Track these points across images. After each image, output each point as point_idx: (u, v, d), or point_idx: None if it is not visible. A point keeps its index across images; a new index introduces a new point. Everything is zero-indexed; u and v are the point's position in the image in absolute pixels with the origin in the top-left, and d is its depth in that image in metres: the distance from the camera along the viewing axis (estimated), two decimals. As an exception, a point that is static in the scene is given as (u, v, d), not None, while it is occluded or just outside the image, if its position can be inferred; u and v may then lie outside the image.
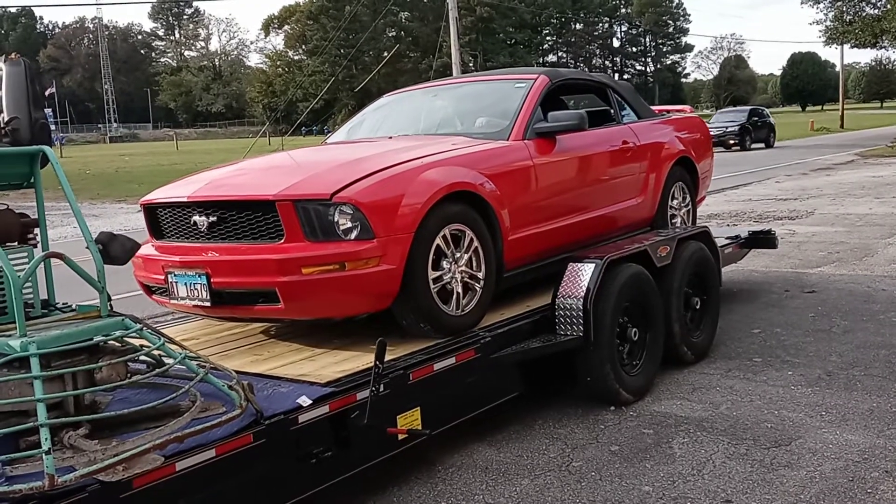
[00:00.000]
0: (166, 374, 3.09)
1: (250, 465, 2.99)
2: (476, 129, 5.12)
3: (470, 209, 4.19)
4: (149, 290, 4.53)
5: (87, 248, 2.93)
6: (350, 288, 3.77)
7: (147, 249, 4.40)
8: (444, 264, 4.05)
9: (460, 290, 4.14)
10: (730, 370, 5.24)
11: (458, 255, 4.12)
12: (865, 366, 5.17)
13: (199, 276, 3.97)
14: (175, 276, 4.13)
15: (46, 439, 2.32)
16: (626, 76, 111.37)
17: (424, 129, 5.48)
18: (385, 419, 3.50)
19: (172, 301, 4.28)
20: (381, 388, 3.37)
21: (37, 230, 3.21)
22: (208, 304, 4.01)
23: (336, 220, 3.76)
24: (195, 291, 4.03)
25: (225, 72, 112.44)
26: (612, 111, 6.00)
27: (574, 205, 5.13)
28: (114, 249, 3.01)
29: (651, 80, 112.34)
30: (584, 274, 4.55)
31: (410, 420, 3.63)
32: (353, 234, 3.76)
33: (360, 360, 3.75)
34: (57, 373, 2.60)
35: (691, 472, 3.76)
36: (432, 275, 3.98)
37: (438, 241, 4.00)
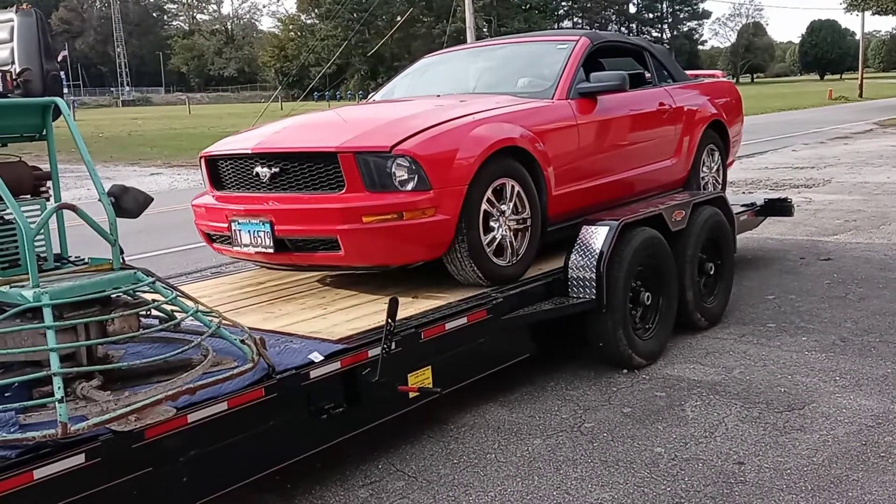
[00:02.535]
0: (179, 329, 3.10)
1: (262, 420, 2.99)
2: (520, 89, 5.22)
3: (518, 164, 4.36)
4: (210, 239, 4.69)
5: (99, 200, 2.92)
6: (407, 236, 3.96)
7: (207, 199, 4.60)
8: (494, 216, 4.23)
9: (508, 241, 4.32)
10: (743, 335, 5.21)
11: (506, 207, 4.29)
12: (880, 332, 5.14)
13: (263, 224, 4.14)
14: (239, 224, 4.28)
15: (59, 388, 2.32)
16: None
17: (469, 89, 5.58)
18: (397, 377, 3.50)
19: (235, 248, 4.42)
20: (393, 346, 3.37)
21: (49, 183, 3.19)
22: (271, 250, 4.17)
23: (395, 171, 3.93)
24: (258, 239, 4.19)
25: (237, 36, 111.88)
26: (649, 74, 6.10)
27: (613, 163, 5.27)
28: (126, 202, 2.99)
29: (668, 46, 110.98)
30: (597, 237, 4.52)
31: (422, 378, 3.63)
32: (411, 186, 3.93)
33: (371, 318, 3.75)
34: (69, 323, 2.60)
35: (703, 434, 3.75)
36: (483, 226, 4.15)
37: (489, 193, 4.18)
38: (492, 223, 4.22)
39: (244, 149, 4.33)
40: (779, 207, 7.30)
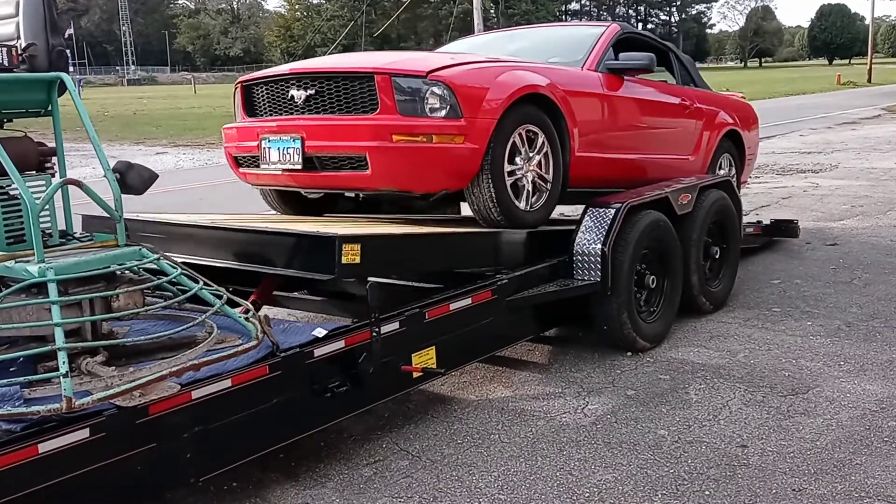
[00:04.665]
0: (183, 306, 3.10)
1: (266, 397, 2.99)
2: (552, 62, 5.37)
3: (546, 116, 4.49)
4: (236, 163, 4.78)
5: (104, 176, 2.91)
6: (434, 160, 4.06)
7: (239, 123, 4.75)
8: (519, 160, 4.35)
9: (530, 187, 4.44)
10: (748, 319, 5.20)
11: (531, 154, 4.42)
12: (886, 318, 5.12)
13: (294, 141, 4.24)
14: (269, 141, 4.39)
15: (64, 363, 2.32)
16: (650, 26, 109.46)
17: None
18: (400, 357, 3.50)
19: (262, 167, 4.50)
20: (381, 332, 3.37)
21: (54, 159, 3.18)
22: (299, 167, 4.25)
23: (428, 97, 4.06)
24: (287, 156, 4.29)
25: (243, 15, 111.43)
26: (673, 73, 6.33)
27: (634, 143, 5.44)
28: (131, 179, 2.98)
29: (675, 30, 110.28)
30: (603, 219, 4.51)
31: (425, 359, 3.63)
32: (443, 113, 4.05)
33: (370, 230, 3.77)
34: (74, 299, 2.60)
35: (707, 417, 3.75)
36: (508, 166, 4.27)
37: (516, 136, 4.30)
38: (517, 165, 4.33)
39: (282, 71, 4.49)
40: (784, 228, 7.24)
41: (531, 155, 4.41)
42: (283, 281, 4.51)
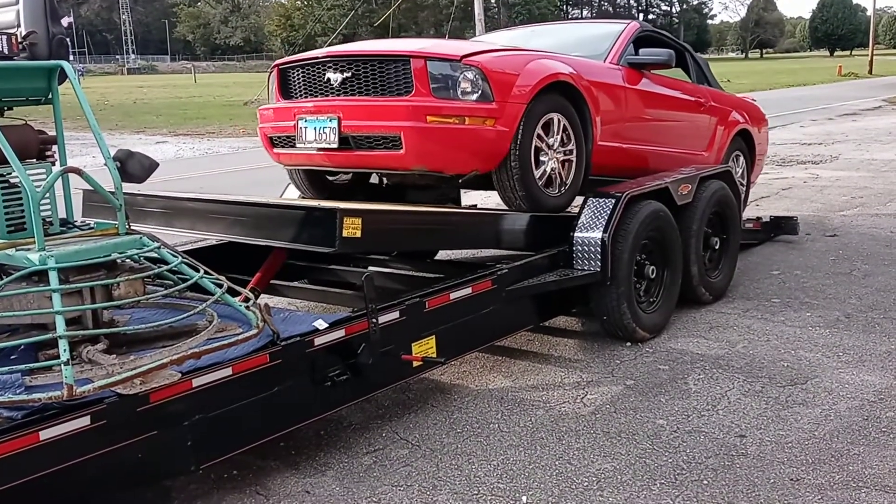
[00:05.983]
0: (184, 295, 3.10)
1: (266, 386, 3.00)
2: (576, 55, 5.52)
3: (571, 106, 4.66)
4: (271, 143, 4.86)
5: (104, 165, 2.91)
6: (466, 142, 4.20)
7: (275, 104, 4.85)
8: (545, 146, 4.50)
9: (554, 174, 4.60)
10: (747, 310, 5.21)
11: (556, 140, 4.57)
12: (885, 309, 5.13)
13: (331, 120, 4.35)
14: (306, 121, 4.48)
15: (65, 350, 2.33)
16: (650, 16, 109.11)
17: None
18: (400, 346, 3.50)
19: (297, 147, 4.56)
20: (380, 322, 3.37)
21: (55, 147, 3.18)
22: (335, 146, 4.34)
23: (461, 81, 4.20)
24: (323, 135, 4.38)
25: (243, 4, 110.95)
26: (689, 73, 6.51)
27: (652, 135, 5.60)
28: (131, 167, 2.99)
29: (676, 20, 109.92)
30: (603, 209, 4.51)
31: (425, 348, 3.64)
32: (475, 96, 4.19)
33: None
34: (75, 287, 2.61)
35: (706, 407, 3.76)
36: (534, 151, 4.41)
37: (543, 122, 4.45)
38: (543, 149, 4.47)
39: (318, 55, 4.60)
40: (783, 225, 7.21)
41: (556, 141, 4.54)
42: (283, 269, 4.52)
